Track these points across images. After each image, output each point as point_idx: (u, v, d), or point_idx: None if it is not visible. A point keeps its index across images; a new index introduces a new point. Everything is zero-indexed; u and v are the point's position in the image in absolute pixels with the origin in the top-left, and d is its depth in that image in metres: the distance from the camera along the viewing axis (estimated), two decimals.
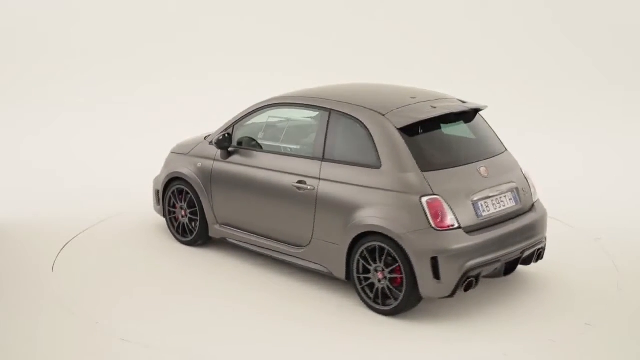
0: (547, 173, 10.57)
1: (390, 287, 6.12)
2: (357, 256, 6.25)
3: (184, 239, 7.74)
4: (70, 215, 8.54)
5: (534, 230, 6.51)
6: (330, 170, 6.46)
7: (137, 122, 12.61)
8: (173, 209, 7.82)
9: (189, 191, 7.59)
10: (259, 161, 7.02)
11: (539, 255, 6.66)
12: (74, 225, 8.16)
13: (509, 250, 6.20)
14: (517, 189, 6.51)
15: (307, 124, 7.10)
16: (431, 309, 6.30)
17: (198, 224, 7.56)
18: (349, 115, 6.45)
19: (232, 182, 7.21)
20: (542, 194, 9.55)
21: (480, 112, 6.85)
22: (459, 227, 5.98)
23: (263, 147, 7.12)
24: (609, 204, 9.25)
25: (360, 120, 6.35)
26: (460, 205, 6.03)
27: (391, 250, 6.03)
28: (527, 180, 6.69)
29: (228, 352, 5.64)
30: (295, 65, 13.75)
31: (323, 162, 6.53)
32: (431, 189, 5.98)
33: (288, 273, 7.02)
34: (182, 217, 7.71)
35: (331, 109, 6.59)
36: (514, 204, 6.44)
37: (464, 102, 6.82)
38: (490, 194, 6.26)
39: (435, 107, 6.45)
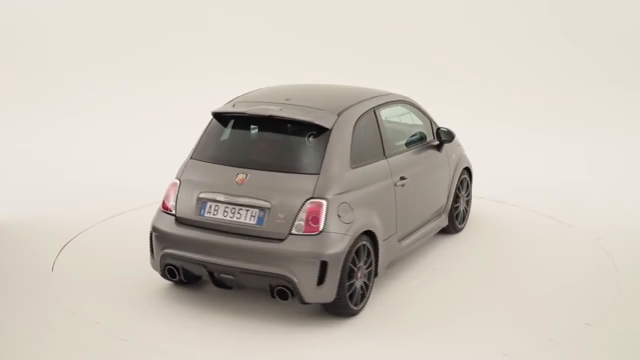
0: (547, 173, 10.59)
1: None
2: None
3: None
4: (70, 215, 8.54)
5: (258, 257, 5.85)
6: None
7: (138, 122, 12.62)
8: None
9: None
10: None
11: (274, 290, 5.89)
12: (74, 225, 8.16)
13: (212, 260, 5.97)
14: (268, 209, 5.90)
15: None
16: (430, 308, 6.31)
17: None
18: None
19: None
20: (543, 193, 9.61)
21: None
22: (173, 215, 6.26)
23: None
24: (609, 203, 9.25)
25: None
26: (187, 198, 6.23)
27: None
28: (298, 211, 5.86)
29: (229, 353, 5.64)
30: (296, 67, 13.76)
31: None
32: (181, 174, 6.39)
33: None
34: None
35: None
36: (254, 222, 5.93)
37: (328, 117, 6.22)
38: (223, 200, 6.05)
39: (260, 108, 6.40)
